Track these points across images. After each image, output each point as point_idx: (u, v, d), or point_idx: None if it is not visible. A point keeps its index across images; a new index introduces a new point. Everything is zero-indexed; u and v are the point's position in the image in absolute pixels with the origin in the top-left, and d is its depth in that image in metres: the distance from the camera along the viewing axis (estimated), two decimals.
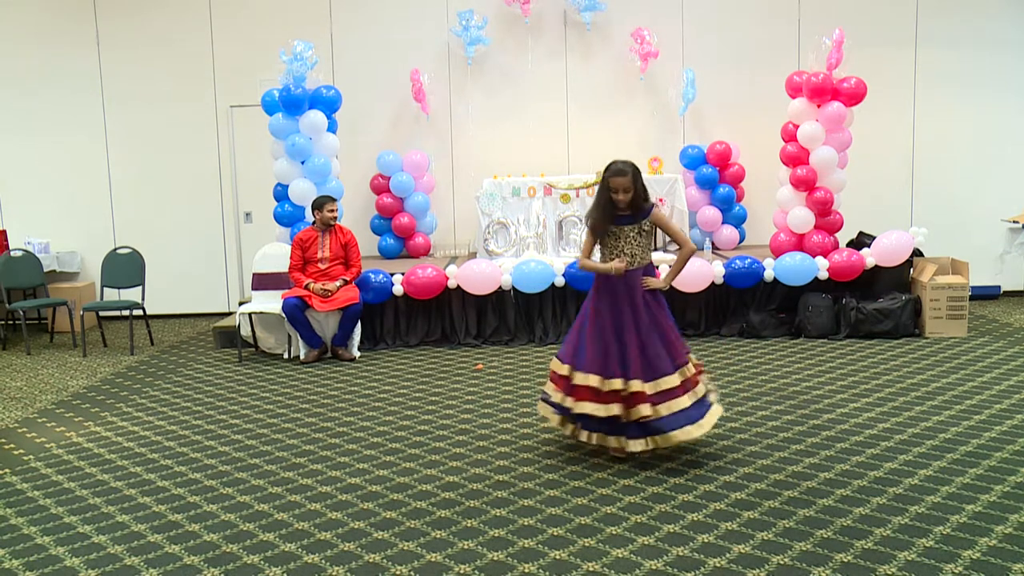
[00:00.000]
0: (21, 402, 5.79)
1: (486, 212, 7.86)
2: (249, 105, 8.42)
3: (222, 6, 8.71)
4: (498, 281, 6.95)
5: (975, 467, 3.90)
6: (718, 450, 4.26)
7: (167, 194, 8.86)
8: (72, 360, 7.16)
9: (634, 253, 4.03)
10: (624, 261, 4.00)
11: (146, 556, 3.28)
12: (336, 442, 4.61)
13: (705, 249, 8.20)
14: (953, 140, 8.63)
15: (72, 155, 8.80)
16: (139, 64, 8.72)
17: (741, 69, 8.57)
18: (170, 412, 5.36)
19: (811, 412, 4.86)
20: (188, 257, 8.89)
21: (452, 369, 6.27)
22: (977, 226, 8.57)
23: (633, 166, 4.03)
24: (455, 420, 4.95)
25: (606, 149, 8.56)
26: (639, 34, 8.41)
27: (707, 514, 3.48)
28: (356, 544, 3.32)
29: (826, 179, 7.12)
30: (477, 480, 3.96)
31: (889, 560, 3.03)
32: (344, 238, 6.81)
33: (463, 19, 8.35)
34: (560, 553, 3.18)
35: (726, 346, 6.75)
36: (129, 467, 4.33)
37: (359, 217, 8.58)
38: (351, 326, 6.68)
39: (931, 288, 6.83)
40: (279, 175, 7.41)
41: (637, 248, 4.04)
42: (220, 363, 6.79)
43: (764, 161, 8.16)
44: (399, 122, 8.78)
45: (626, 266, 4.00)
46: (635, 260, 4.03)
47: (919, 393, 5.20)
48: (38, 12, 8.69)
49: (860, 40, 7.89)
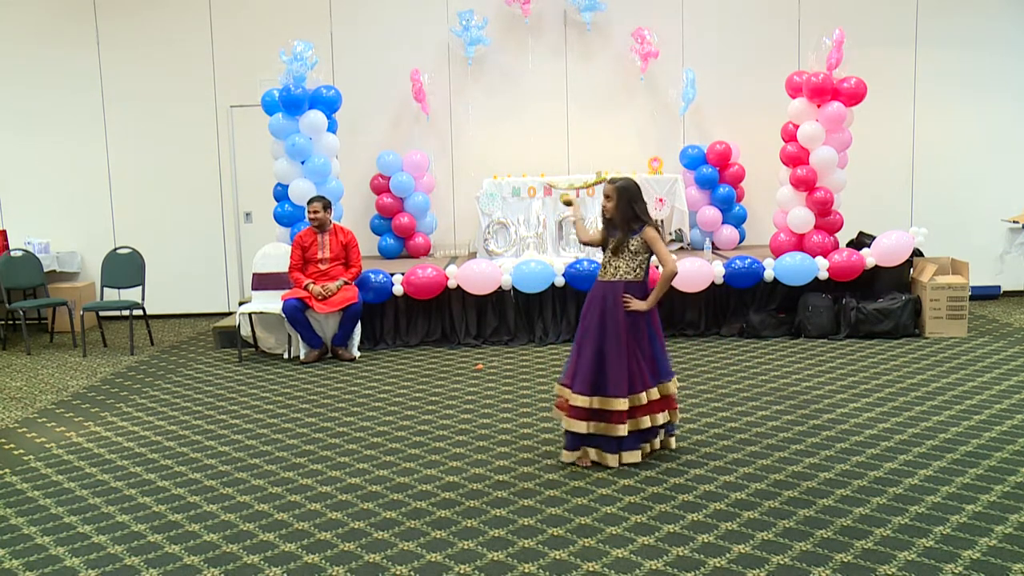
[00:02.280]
0: (21, 402, 5.79)
1: (486, 212, 7.86)
2: (249, 105, 8.42)
3: (222, 6, 8.71)
4: (498, 281, 6.95)
5: (975, 467, 3.90)
6: (718, 450, 4.26)
7: (167, 194, 8.85)
8: (72, 360, 7.16)
9: (617, 266, 4.11)
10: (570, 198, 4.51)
11: (146, 556, 3.28)
12: (336, 442, 4.61)
13: (705, 249, 8.20)
14: (953, 140, 8.63)
15: (72, 155, 8.80)
16: (139, 64, 8.72)
17: (741, 69, 8.57)
18: (170, 412, 5.36)
19: (811, 412, 4.86)
20: (188, 257, 8.89)
21: (452, 369, 6.27)
22: (977, 226, 8.57)
23: (623, 185, 4.11)
24: (455, 420, 4.95)
25: (606, 149, 8.61)
26: (639, 34, 8.41)
27: (707, 514, 3.48)
28: (356, 544, 3.32)
29: (826, 179, 7.12)
30: (477, 480, 3.96)
31: (889, 560, 3.03)
32: (344, 238, 6.80)
33: (463, 19, 8.35)
34: (560, 553, 3.18)
35: (726, 346, 6.75)
36: (129, 467, 4.33)
37: (359, 217, 8.58)
38: (351, 326, 6.68)
39: (931, 288, 6.83)
40: (279, 175, 7.41)
41: (621, 262, 4.11)
42: (220, 363, 6.79)
43: (764, 161, 8.16)
44: (399, 122, 8.78)
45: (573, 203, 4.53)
46: (618, 273, 4.10)
47: (919, 393, 5.20)
48: (38, 12, 8.69)
49: (860, 40, 7.89)
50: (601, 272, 4.18)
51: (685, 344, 6.86)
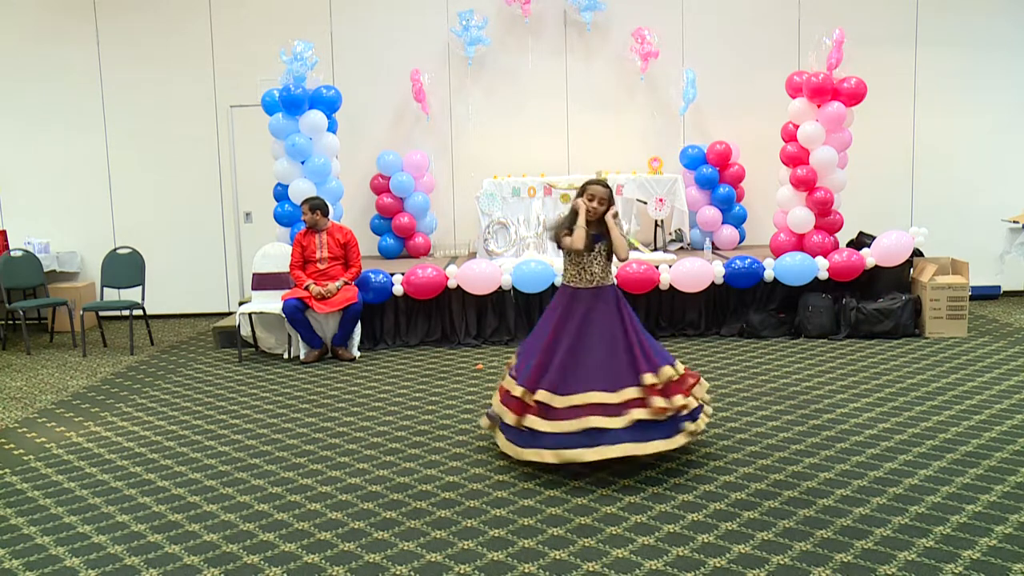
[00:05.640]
0: (21, 402, 5.79)
1: (486, 212, 7.86)
2: (249, 105, 8.41)
3: (222, 6, 8.71)
4: (498, 281, 6.95)
5: (975, 467, 3.90)
6: (718, 450, 4.26)
7: (167, 194, 8.85)
8: (72, 360, 7.16)
9: (594, 272, 4.08)
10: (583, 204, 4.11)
11: (146, 556, 3.28)
12: (336, 442, 4.61)
13: (705, 249, 8.20)
14: (953, 140, 8.63)
15: (72, 155, 8.80)
16: (139, 64, 8.71)
17: (741, 69, 8.57)
18: (170, 412, 5.36)
19: (811, 412, 4.86)
20: (188, 257, 8.89)
21: (452, 369, 6.27)
22: (977, 226, 8.57)
23: (610, 189, 4.18)
24: (455, 420, 4.95)
25: (606, 149, 8.61)
26: (639, 34, 8.41)
27: (707, 514, 3.48)
28: (356, 544, 3.32)
29: (826, 179, 7.12)
30: (477, 480, 3.96)
31: (889, 560, 3.03)
32: (343, 238, 6.80)
33: (463, 19, 8.35)
34: (560, 553, 3.18)
35: (726, 346, 6.75)
36: (129, 467, 4.33)
37: (359, 217, 8.58)
38: (351, 326, 6.68)
39: (931, 288, 6.83)
40: (279, 175, 7.41)
41: (597, 267, 4.09)
42: (220, 363, 6.79)
43: (764, 161, 8.16)
44: (399, 122, 8.78)
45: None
46: (595, 279, 4.08)
47: (919, 393, 5.20)
48: (38, 12, 8.69)
49: (860, 40, 7.89)
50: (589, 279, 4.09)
51: (685, 344, 6.86)
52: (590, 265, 4.10)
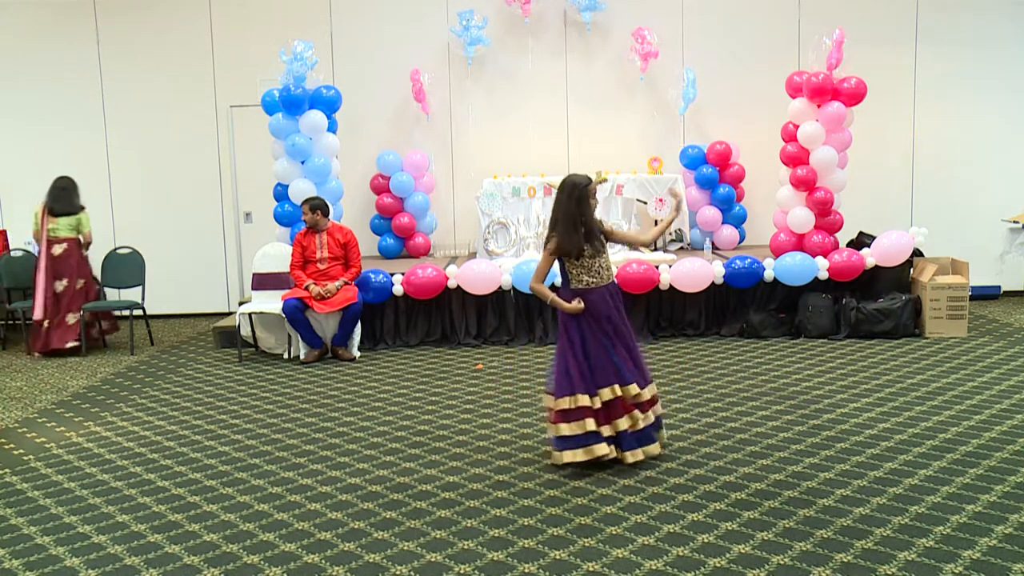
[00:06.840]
0: (21, 402, 5.79)
1: (486, 212, 7.86)
2: (249, 105, 8.42)
3: (222, 6, 8.71)
4: (498, 281, 6.95)
5: (975, 467, 3.90)
6: (718, 450, 4.26)
7: (167, 194, 8.85)
8: (72, 360, 7.16)
9: (600, 270, 4.03)
10: (580, 302, 3.95)
11: (146, 556, 3.28)
12: (336, 442, 4.61)
13: (705, 249, 8.20)
14: (953, 140, 8.63)
15: (72, 155, 8.78)
16: (139, 64, 8.72)
17: (741, 69, 8.57)
18: (170, 412, 5.36)
19: (811, 412, 4.86)
20: (188, 257, 8.89)
21: (452, 369, 6.27)
22: (977, 226, 8.57)
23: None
24: (455, 420, 4.95)
25: (606, 149, 8.61)
26: (639, 34, 8.40)
27: (707, 514, 3.48)
28: (356, 544, 3.32)
29: (826, 179, 7.12)
30: (477, 480, 3.96)
31: (889, 560, 3.03)
32: (343, 238, 6.80)
33: (463, 19, 8.34)
34: (560, 553, 3.18)
35: (726, 346, 6.75)
36: (129, 467, 4.33)
37: (359, 217, 8.58)
38: (351, 326, 6.68)
39: (931, 288, 6.83)
40: (279, 175, 7.41)
41: (603, 264, 4.05)
42: (220, 363, 6.79)
43: (764, 161, 8.16)
44: (399, 122, 8.78)
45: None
46: (602, 276, 4.03)
47: (919, 393, 5.20)
48: (37, 11, 8.69)
49: (860, 40, 7.89)
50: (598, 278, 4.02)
51: (685, 344, 6.86)
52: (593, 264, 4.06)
